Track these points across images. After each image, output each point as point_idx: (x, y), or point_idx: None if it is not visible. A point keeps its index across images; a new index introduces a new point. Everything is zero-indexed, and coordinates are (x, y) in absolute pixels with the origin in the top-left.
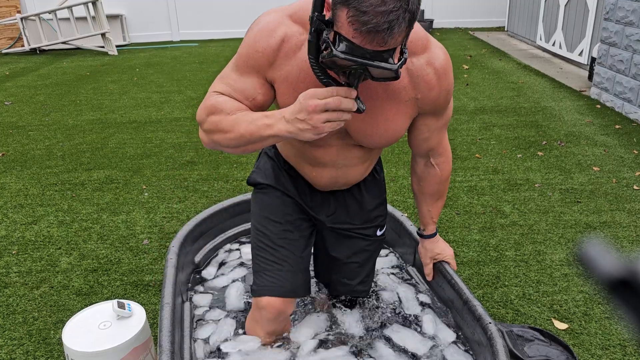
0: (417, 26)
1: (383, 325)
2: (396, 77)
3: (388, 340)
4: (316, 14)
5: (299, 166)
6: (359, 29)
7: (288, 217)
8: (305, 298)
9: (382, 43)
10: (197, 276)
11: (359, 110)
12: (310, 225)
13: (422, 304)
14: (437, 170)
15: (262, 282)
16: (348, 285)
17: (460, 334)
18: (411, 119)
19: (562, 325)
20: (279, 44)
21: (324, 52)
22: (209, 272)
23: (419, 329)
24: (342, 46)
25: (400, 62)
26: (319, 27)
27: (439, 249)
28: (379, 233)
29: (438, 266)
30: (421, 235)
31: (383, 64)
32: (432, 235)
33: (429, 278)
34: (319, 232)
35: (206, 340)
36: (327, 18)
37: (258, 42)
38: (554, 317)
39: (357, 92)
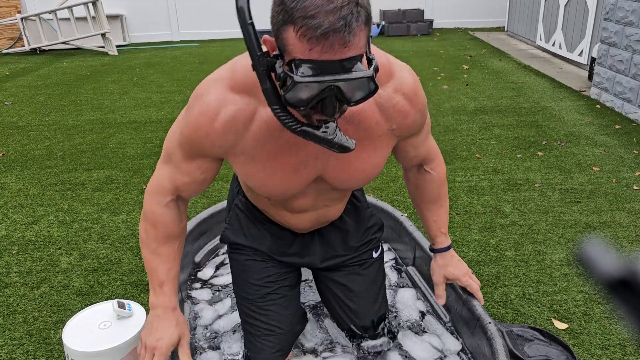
0: (376, 51)
1: (391, 333)
2: (374, 87)
3: (396, 344)
4: (259, 53)
5: (278, 215)
6: (314, 36)
7: (269, 277)
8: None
9: (344, 44)
10: (192, 277)
11: (347, 149)
12: (294, 276)
13: (422, 313)
14: (432, 174)
15: (255, 347)
16: (370, 329)
17: (462, 343)
18: (390, 150)
19: (562, 325)
20: (224, 127)
21: (283, 89)
22: (204, 273)
23: (422, 334)
24: (303, 69)
25: (372, 68)
26: (268, 65)
27: (452, 266)
28: (375, 255)
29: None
30: (433, 251)
31: (355, 73)
32: (446, 249)
33: (440, 301)
34: (316, 276)
35: (207, 340)
36: (272, 54)
37: (201, 127)
38: (554, 317)
39: (337, 125)
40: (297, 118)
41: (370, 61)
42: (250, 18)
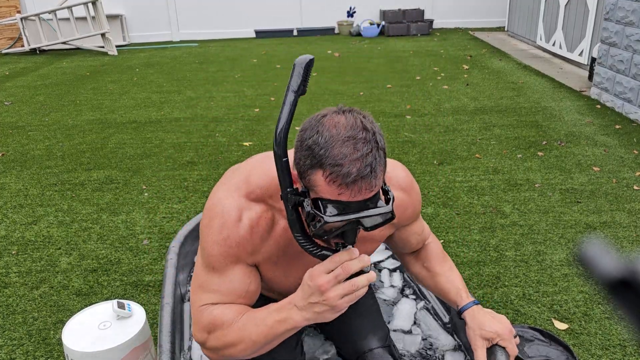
0: None
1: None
2: (392, 217)
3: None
4: (288, 189)
5: (269, 294)
6: (344, 182)
7: None
8: None
9: (370, 187)
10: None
11: (361, 272)
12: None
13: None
14: (432, 243)
15: None
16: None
17: (457, 340)
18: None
19: (562, 326)
20: (249, 231)
21: (312, 224)
22: None
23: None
24: (331, 209)
25: (391, 201)
26: (297, 201)
27: (491, 325)
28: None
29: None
30: (460, 313)
31: (378, 209)
32: (473, 304)
33: None
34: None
35: None
36: (299, 190)
37: (228, 237)
38: (554, 317)
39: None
40: (317, 244)
41: (386, 192)
42: (286, 155)
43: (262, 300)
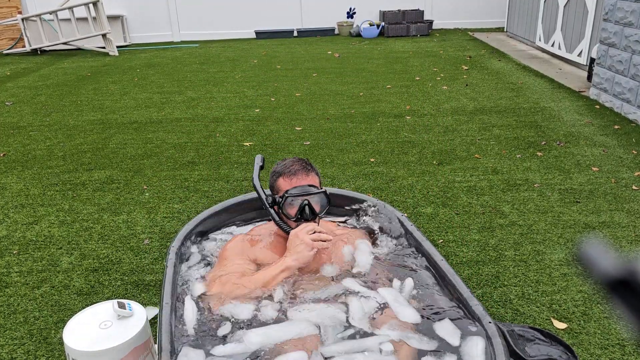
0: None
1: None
2: (328, 200)
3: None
4: (264, 197)
5: None
6: (291, 174)
7: None
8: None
9: (307, 174)
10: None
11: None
12: None
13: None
14: None
15: None
16: None
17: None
18: None
19: (561, 325)
20: (250, 240)
21: (282, 209)
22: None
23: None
24: (291, 191)
25: (324, 190)
26: (273, 200)
27: None
28: None
29: (438, 269)
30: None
31: (315, 190)
32: None
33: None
34: None
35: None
36: (272, 195)
37: (237, 240)
38: (553, 317)
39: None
40: (290, 226)
41: (322, 189)
42: (261, 188)
43: None
